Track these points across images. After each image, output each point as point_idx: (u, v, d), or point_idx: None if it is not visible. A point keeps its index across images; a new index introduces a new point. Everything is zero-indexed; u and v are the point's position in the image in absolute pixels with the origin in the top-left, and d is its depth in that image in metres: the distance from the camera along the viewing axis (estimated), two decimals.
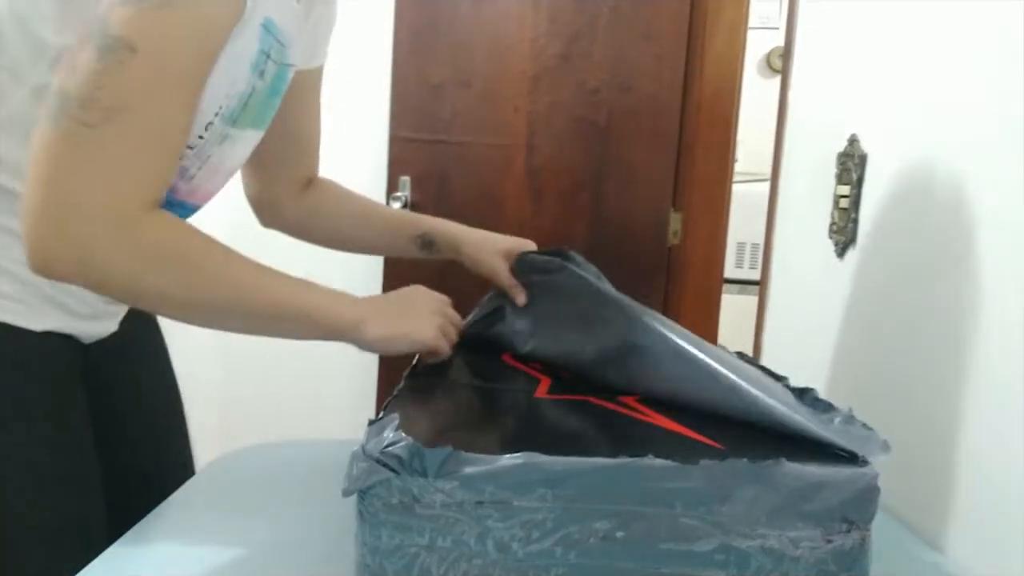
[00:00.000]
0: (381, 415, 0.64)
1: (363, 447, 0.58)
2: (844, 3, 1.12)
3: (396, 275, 2.03)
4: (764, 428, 0.70)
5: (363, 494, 0.58)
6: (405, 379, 0.82)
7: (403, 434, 0.58)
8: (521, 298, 0.98)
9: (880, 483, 0.59)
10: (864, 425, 0.66)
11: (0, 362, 0.77)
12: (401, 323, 0.82)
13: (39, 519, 0.78)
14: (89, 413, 0.86)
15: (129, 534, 0.75)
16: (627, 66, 2.08)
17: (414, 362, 0.88)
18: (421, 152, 2.07)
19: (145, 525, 0.77)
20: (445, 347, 0.86)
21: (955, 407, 0.79)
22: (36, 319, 0.79)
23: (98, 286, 0.68)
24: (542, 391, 0.82)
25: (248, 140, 0.86)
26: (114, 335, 0.92)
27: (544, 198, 2.12)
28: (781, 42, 1.65)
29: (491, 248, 1.03)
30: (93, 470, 0.85)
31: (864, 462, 0.62)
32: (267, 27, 0.74)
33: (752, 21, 2.12)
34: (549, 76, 2.09)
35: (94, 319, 0.87)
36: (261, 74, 0.77)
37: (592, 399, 0.79)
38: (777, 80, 1.42)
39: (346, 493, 0.58)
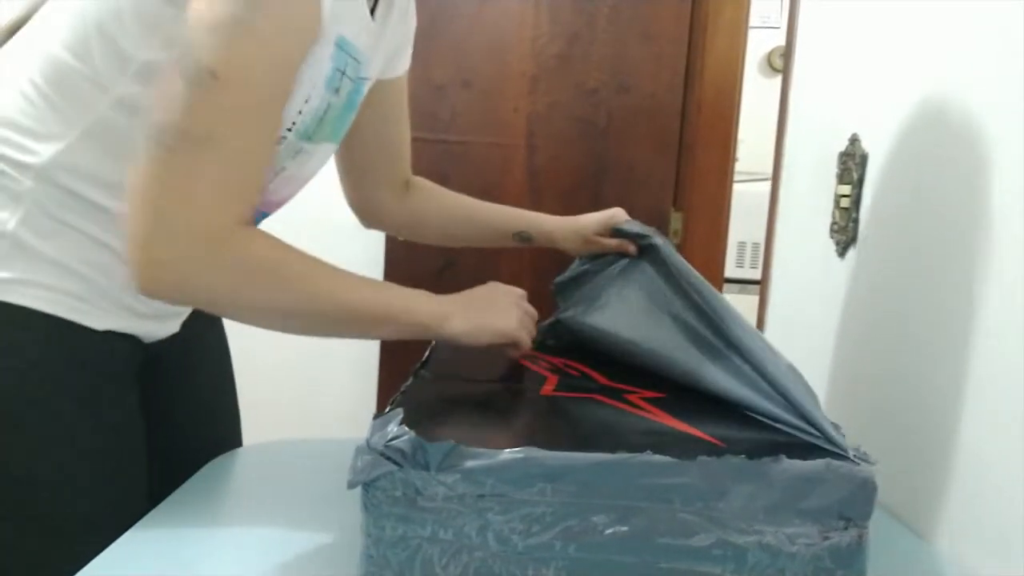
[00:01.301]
0: (387, 410, 0.65)
1: (367, 440, 0.60)
2: (845, 3, 1.12)
3: (396, 273, 2.03)
4: (768, 426, 0.71)
5: (367, 486, 0.59)
6: (413, 375, 0.83)
7: (406, 428, 0.59)
8: (632, 248, 1.04)
9: (879, 482, 0.59)
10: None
11: (61, 356, 0.79)
12: (484, 316, 0.86)
13: (86, 510, 0.79)
14: (144, 407, 0.88)
15: (129, 533, 0.75)
16: (627, 66, 2.07)
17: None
18: (421, 151, 2.05)
19: (145, 524, 0.77)
20: (526, 338, 0.89)
21: (956, 406, 0.79)
22: (99, 318, 0.81)
23: (197, 303, 0.73)
24: (548, 389, 0.83)
25: (323, 152, 0.89)
26: (179, 332, 0.94)
27: (544, 198, 2.12)
28: (782, 41, 1.65)
29: (583, 234, 1.09)
30: (141, 468, 0.87)
31: (861, 460, 0.62)
32: (341, 45, 0.77)
33: (753, 20, 2.12)
34: (549, 76, 2.09)
35: (157, 319, 0.88)
36: (336, 91, 0.81)
37: (598, 397, 0.80)
38: (778, 79, 1.43)
39: (351, 485, 0.59)
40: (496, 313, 0.87)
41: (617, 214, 1.09)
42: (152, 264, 0.68)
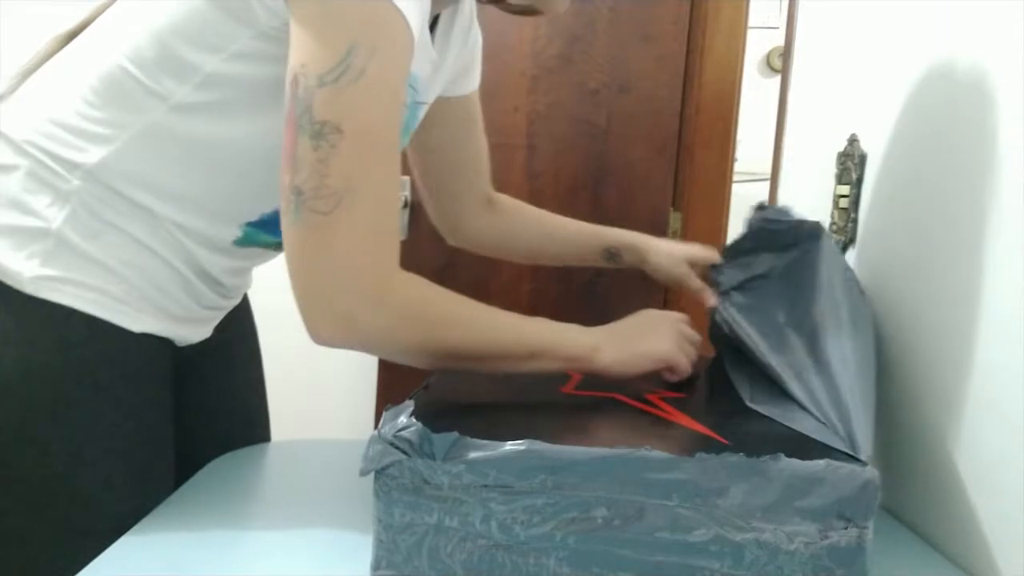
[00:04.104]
0: (407, 401, 0.68)
1: (379, 430, 0.62)
2: (844, 2, 1.13)
3: None
4: (781, 425, 0.73)
5: (379, 474, 0.62)
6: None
7: (414, 419, 0.62)
8: (710, 300, 1.01)
9: (889, 492, 0.60)
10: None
11: (99, 357, 0.79)
12: (636, 343, 0.84)
13: (117, 511, 0.80)
14: (174, 410, 0.90)
15: (130, 534, 0.75)
16: (627, 67, 2.08)
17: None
18: None
19: (146, 525, 0.78)
20: (684, 362, 0.86)
21: (956, 407, 0.79)
22: (137, 320, 0.82)
23: (364, 347, 0.74)
24: (569, 386, 0.85)
25: None
26: (211, 337, 0.95)
27: (544, 198, 2.12)
28: (781, 42, 1.66)
29: (677, 256, 1.10)
30: (169, 471, 0.88)
31: (864, 461, 0.63)
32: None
33: (752, 21, 2.12)
34: (549, 77, 2.09)
35: (192, 324, 0.89)
36: None
37: (617, 396, 0.81)
38: (777, 79, 1.43)
39: (362, 472, 0.62)
40: (650, 338, 0.85)
41: (707, 254, 1.09)
42: (323, 320, 0.70)
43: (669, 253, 1.12)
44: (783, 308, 0.88)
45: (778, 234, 0.96)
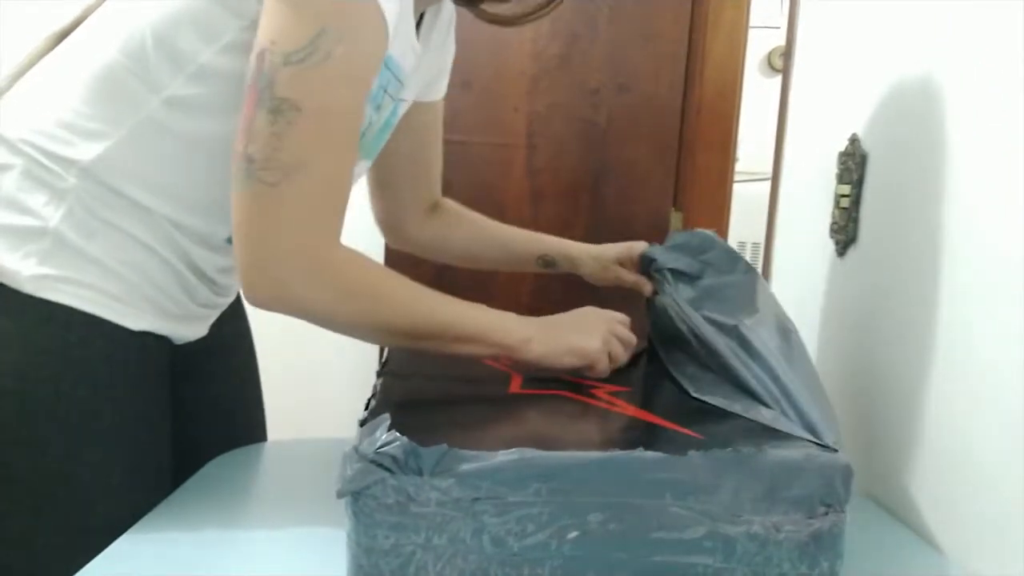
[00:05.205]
0: (366, 415, 0.66)
1: (356, 448, 0.59)
2: (845, 2, 1.12)
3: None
4: (730, 414, 0.76)
5: (357, 495, 0.58)
6: (378, 376, 0.84)
7: (397, 434, 0.59)
8: (647, 288, 1.04)
9: (880, 481, 0.60)
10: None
11: (97, 356, 0.79)
12: (566, 338, 0.86)
13: (115, 510, 0.80)
14: (171, 406, 0.90)
15: (129, 533, 0.75)
16: (627, 66, 2.07)
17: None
18: None
19: (144, 525, 0.77)
20: (604, 364, 0.87)
21: (955, 406, 0.79)
22: (135, 319, 0.82)
23: (297, 314, 0.75)
24: (515, 387, 0.84)
25: (357, 169, 0.91)
26: (206, 336, 0.95)
27: (544, 198, 2.12)
28: (782, 41, 1.65)
29: (605, 260, 1.12)
30: (167, 469, 0.89)
31: (835, 449, 0.65)
32: (387, 64, 0.79)
33: (753, 20, 2.11)
34: (549, 76, 2.09)
35: (188, 321, 0.89)
36: (377, 108, 0.84)
37: (566, 393, 0.82)
38: (778, 79, 1.42)
39: (341, 495, 0.58)
40: (579, 336, 0.86)
41: (636, 246, 1.09)
42: (259, 284, 0.72)
43: (597, 257, 1.13)
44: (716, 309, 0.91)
45: (718, 258, 0.99)
